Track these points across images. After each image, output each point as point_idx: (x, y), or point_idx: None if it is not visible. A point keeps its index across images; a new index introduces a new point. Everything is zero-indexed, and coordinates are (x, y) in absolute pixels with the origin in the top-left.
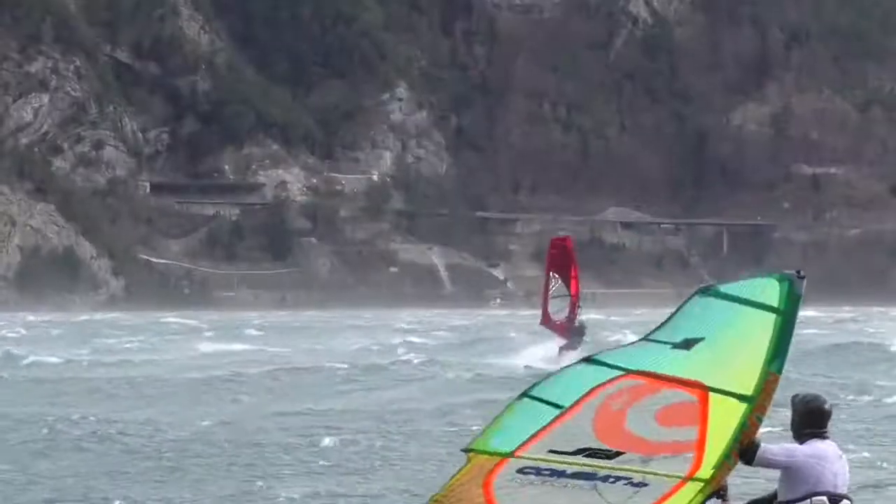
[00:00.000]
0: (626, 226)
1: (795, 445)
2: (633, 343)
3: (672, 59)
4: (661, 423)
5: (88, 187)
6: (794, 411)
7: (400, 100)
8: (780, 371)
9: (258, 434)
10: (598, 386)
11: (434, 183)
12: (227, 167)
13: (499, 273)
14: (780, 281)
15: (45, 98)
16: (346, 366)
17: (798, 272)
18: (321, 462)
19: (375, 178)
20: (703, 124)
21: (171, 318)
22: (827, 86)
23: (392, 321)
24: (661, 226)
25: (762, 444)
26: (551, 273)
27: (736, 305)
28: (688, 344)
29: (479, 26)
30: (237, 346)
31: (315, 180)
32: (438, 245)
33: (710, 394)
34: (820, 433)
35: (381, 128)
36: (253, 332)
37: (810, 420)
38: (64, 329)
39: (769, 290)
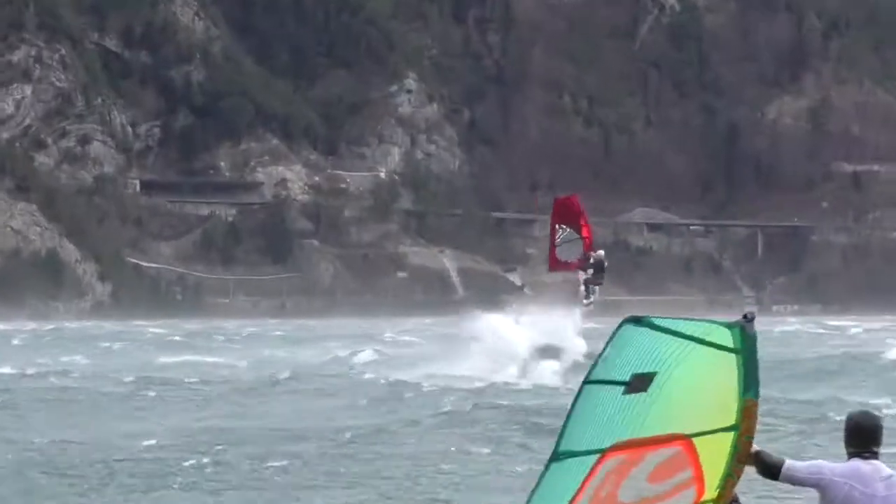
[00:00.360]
0: (653, 227)
1: (824, 463)
2: (578, 398)
3: (702, 47)
4: (654, 483)
5: (73, 185)
6: (844, 429)
7: (409, 92)
8: (756, 396)
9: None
10: (584, 481)
11: (445, 181)
12: (223, 164)
13: (515, 278)
14: (728, 328)
15: (28, 89)
16: (273, 378)
17: (745, 316)
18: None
19: (383, 175)
20: (736, 118)
21: (154, 327)
22: (868, 77)
23: (388, 330)
24: (691, 227)
25: (787, 461)
26: (557, 225)
27: (682, 341)
28: (641, 382)
29: (493, 13)
30: (194, 358)
31: (318, 178)
32: (450, 248)
33: (694, 439)
34: (862, 453)
35: (389, 122)
36: (225, 342)
37: (852, 438)
38: (25, 338)
39: (719, 333)
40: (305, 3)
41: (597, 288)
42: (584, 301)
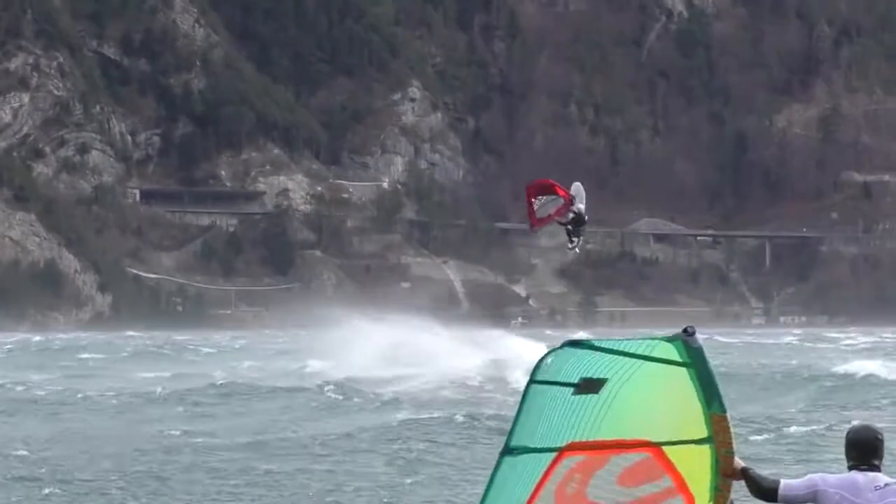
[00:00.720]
0: (660, 238)
1: (820, 475)
2: (526, 395)
3: (710, 55)
4: (626, 485)
5: (72, 195)
6: (844, 443)
7: (413, 100)
8: (721, 410)
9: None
10: (542, 477)
11: (450, 191)
12: (223, 173)
13: (520, 289)
14: (670, 342)
15: (26, 98)
16: (222, 391)
17: (686, 330)
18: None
19: (386, 185)
20: (744, 127)
21: (147, 339)
22: (879, 86)
23: None
24: (698, 238)
25: (782, 482)
26: (533, 199)
27: (626, 358)
28: (591, 385)
29: (498, 20)
30: (163, 373)
31: (320, 188)
32: (454, 259)
33: (664, 447)
34: (860, 465)
35: (392, 131)
36: (198, 354)
37: (851, 451)
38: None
39: (662, 348)
40: (307, 8)
41: (579, 238)
42: (569, 246)
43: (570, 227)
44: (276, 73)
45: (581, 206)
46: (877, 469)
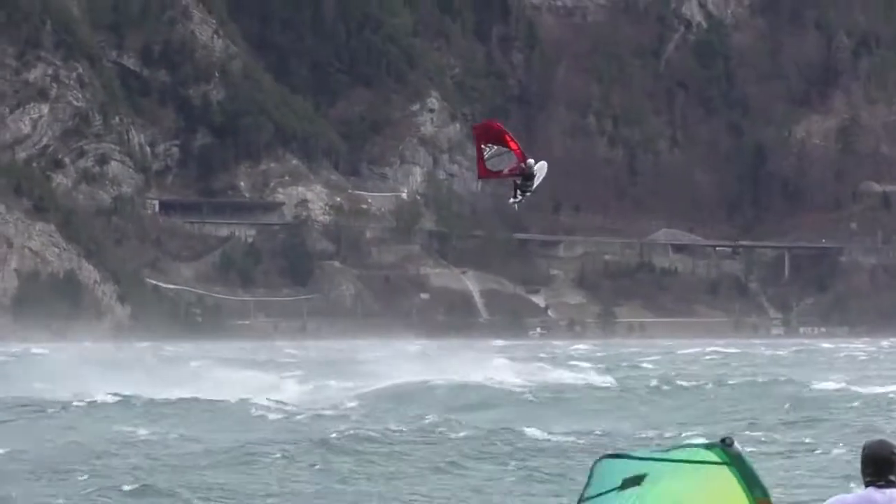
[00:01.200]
0: (679, 248)
1: (842, 496)
2: None
3: (728, 66)
4: None
5: (92, 206)
6: (860, 458)
7: (431, 111)
8: (766, 495)
9: None
10: None
11: (468, 202)
12: (242, 184)
13: (539, 300)
14: (709, 449)
15: (45, 108)
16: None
17: (724, 440)
18: None
19: (404, 196)
20: (763, 138)
21: (168, 348)
22: None
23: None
24: (717, 249)
25: None
26: (482, 144)
27: (664, 464)
28: (634, 481)
29: (517, 31)
30: (139, 392)
31: (338, 198)
32: (473, 269)
33: None
34: (877, 481)
35: (411, 141)
36: (189, 368)
37: (867, 467)
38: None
39: (703, 454)
40: (325, 19)
41: (526, 193)
42: (512, 200)
43: (517, 181)
44: (295, 84)
45: (532, 161)
46: (893, 485)
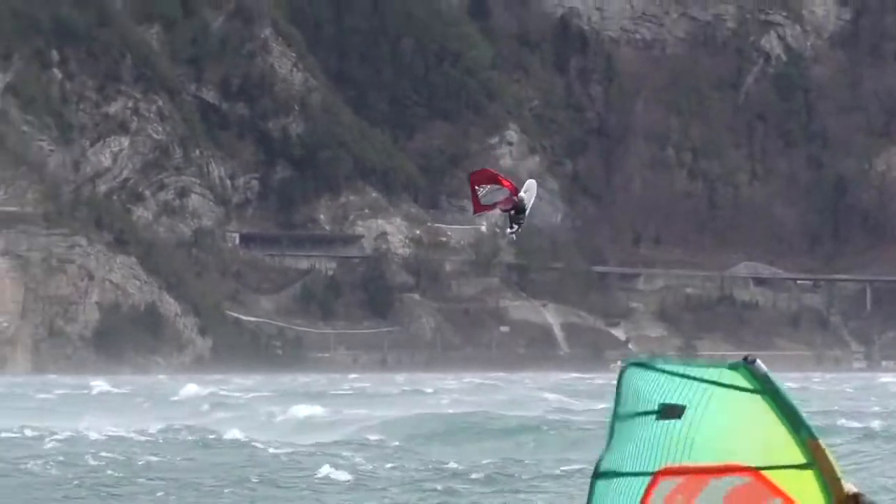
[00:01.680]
0: (759, 282)
1: None
2: (613, 424)
3: (808, 98)
4: None
5: (172, 238)
6: None
7: (510, 143)
8: (813, 436)
9: None
10: (643, 498)
11: (548, 234)
12: (322, 217)
13: (619, 333)
14: (734, 369)
15: (125, 141)
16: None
17: (745, 358)
18: None
19: (484, 228)
20: (843, 170)
21: (241, 381)
22: None
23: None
24: (798, 282)
25: None
26: (476, 187)
27: (697, 383)
28: (673, 410)
29: (595, 64)
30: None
31: (418, 231)
32: (553, 302)
33: (764, 472)
34: None
35: None
36: (224, 400)
37: None
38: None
39: (728, 375)
40: (404, 52)
41: (519, 226)
42: (508, 230)
43: (512, 213)
44: (374, 117)
45: (524, 195)
46: None
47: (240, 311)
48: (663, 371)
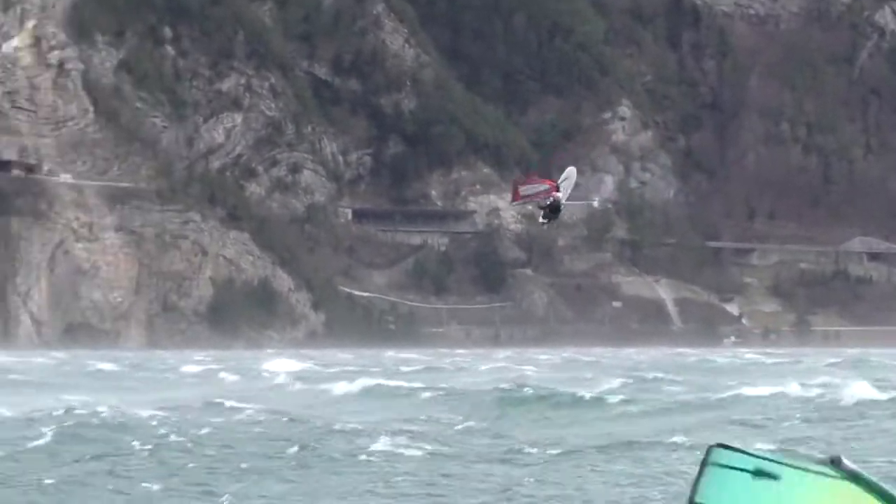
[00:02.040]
0: (874, 257)
1: None
2: None
3: None
4: None
5: (285, 214)
6: None
7: (623, 119)
8: None
9: None
10: None
11: (660, 209)
12: (434, 193)
13: (733, 308)
14: (817, 473)
15: (238, 118)
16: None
17: (832, 460)
18: None
19: (596, 204)
20: None
21: (344, 356)
22: None
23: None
24: None
25: None
26: (520, 185)
27: (787, 469)
28: (769, 475)
29: (709, 38)
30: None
31: (530, 207)
32: (666, 277)
33: None
34: None
35: (603, 149)
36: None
37: None
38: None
39: (814, 467)
40: (516, 28)
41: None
42: (540, 220)
43: (545, 209)
44: (486, 93)
45: (559, 195)
46: None
47: (352, 286)
48: (755, 456)
